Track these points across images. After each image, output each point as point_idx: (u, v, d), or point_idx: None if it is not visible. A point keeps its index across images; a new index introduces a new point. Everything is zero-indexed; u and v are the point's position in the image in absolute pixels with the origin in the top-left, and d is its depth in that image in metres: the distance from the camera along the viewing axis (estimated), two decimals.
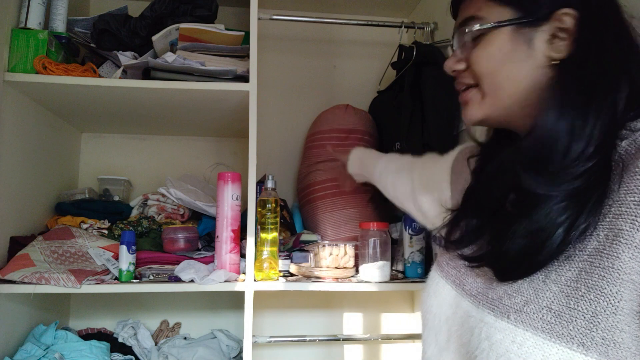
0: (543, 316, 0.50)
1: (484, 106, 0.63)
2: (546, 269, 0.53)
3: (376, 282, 1.19)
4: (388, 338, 1.59)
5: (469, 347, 0.57)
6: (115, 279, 1.15)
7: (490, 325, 0.54)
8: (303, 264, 1.26)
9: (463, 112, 0.66)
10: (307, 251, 1.29)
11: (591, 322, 0.47)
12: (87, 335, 1.40)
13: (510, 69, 0.59)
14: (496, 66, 0.60)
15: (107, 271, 1.17)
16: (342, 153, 1.28)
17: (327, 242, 1.26)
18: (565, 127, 0.52)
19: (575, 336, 0.47)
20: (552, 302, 0.50)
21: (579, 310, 0.48)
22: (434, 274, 0.72)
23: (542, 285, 0.52)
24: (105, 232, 1.33)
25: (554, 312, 0.50)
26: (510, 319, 0.53)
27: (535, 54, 0.58)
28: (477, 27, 0.61)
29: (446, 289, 0.67)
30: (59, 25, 1.26)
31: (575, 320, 0.48)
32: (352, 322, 1.67)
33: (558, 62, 0.57)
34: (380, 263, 1.19)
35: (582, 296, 0.48)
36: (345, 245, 1.25)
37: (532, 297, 0.52)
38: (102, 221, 1.35)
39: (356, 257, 1.26)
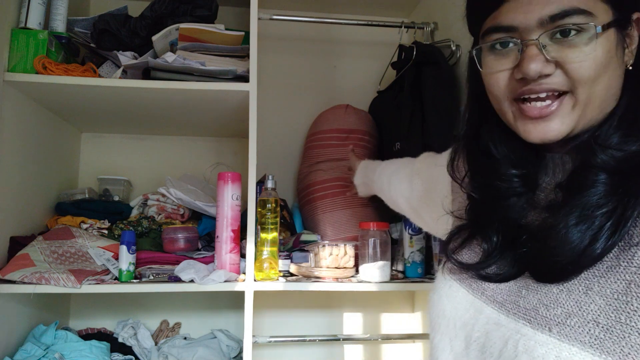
0: (590, 330, 0.47)
1: (573, 118, 0.53)
2: (586, 280, 0.50)
3: (376, 282, 1.19)
4: (388, 338, 1.59)
5: (500, 359, 0.53)
6: (115, 279, 1.15)
7: (529, 338, 0.51)
8: (303, 264, 1.26)
9: (537, 127, 0.54)
10: (307, 251, 1.29)
11: None
12: (87, 335, 1.40)
13: (609, 76, 0.53)
14: (600, 72, 0.52)
15: (107, 271, 1.17)
16: (356, 159, 1.31)
17: (327, 242, 1.26)
18: (625, 128, 0.53)
19: (629, 353, 0.44)
20: (599, 315, 0.47)
21: (632, 326, 0.45)
22: (445, 276, 0.67)
23: (584, 297, 0.49)
24: (105, 232, 1.33)
25: (602, 327, 0.46)
26: (553, 332, 0.49)
27: (623, 60, 0.54)
28: (592, 24, 0.51)
29: (461, 293, 0.63)
30: (59, 25, 1.26)
31: (629, 337, 0.44)
32: (352, 322, 1.66)
33: (630, 67, 0.54)
34: (380, 263, 1.19)
35: (635, 311, 0.45)
36: (345, 245, 1.24)
37: (575, 309, 0.49)
38: (102, 221, 1.35)
39: (356, 257, 1.26)
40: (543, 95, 0.54)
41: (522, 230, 0.58)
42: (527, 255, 0.56)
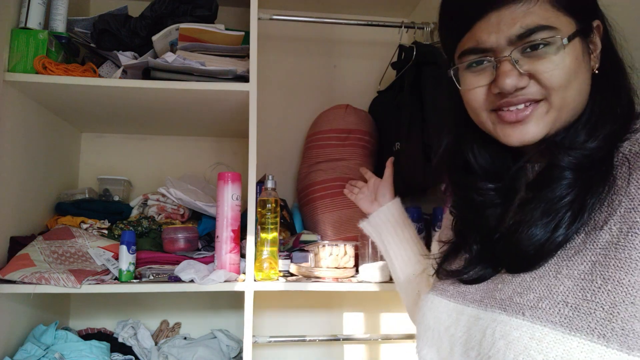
0: (560, 310, 0.50)
1: (547, 122, 0.58)
2: (556, 265, 0.53)
3: (376, 282, 1.19)
4: (388, 338, 1.59)
5: (481, 348, 0.56)
6: (115, 279, 1.15)
7: (505, 324, 0.54)
8: (303, 264, 1.26)
9: (516, 131, 0.58)
10: (307, 251, 1.29)
11: (610, 313, 0.47)
12: (87, 335, 1.40)
13: (579, 81, 0.57)
14: (570, 79, 0.56)
15: (107, 271, 1.17)
16: (387, 190, 1.04)
17: (327, 242, 1.26)
18: (588, 128, 0.57)
19: (595, 328, 0.47)
20: (568, 296, 0.50)
21: (597, 302, 0.48)
22: (427, 296, 0.71)
23: (554, 281, 0.52)
24: (105, 232, 1.33)
25: (571, 306, 0.50)
26: (526, 316, 0.52)
27: (589, 65, 0.59)
28: (558, 37, 0.55)
29: (442, 303, 0.67)
30: (59, 25, 1.26)
31: (594, 312, 0.48)
32: (352, 322, 1.66)
33: (596, 71, 0.59)
34: (380, 263, 1.19)
35: (599, 288, 0.48)
36: (345, 245, 1.25)
37: (546, 293, 0.52)
38: (102, 221, 1.35)
39: (356, 257, 1.26)
40: (521, 106, 0.58)
41: (498, 235, 0.62)
42: (501, 253, 0.60)
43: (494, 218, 0.63)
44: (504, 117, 0.59)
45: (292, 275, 1.26)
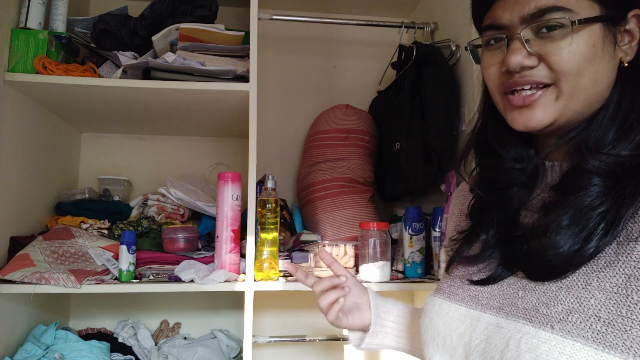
0: (592, 325, 0.48)
1: (556, 108, 0.56)
2: (585, 275, 0.51)
3: (376, 282, 1.19)
4: None
5: (503, 359, 0.53)
6: (115, 279, 1.15)
7: (532, 336, 0.51)
8: (303, 264, 1.26)
9: (522, 115, 0.57)
10: (307, 251, 1.29)
11: None
12: (87, 335, 1.40)
13: (597, 69, 0.54)
14: (585, 65, 0.54)
15: (107, 271, 1.17)
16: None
17: (327, 242, 1.26)
18: (618, 124, 0.54)
19: (631, 346, 0.44)
20: (600, 310, 0.48)
21: (634, 319, 0.45)
22: (433, 300, 0.69)
23: (583, 293, 0.50)
24: (105, 232, 1.33)
25: (604, 321, 0.47)
26: (555, 329, 0.49)
27: (616, 55, 0.56)
28: (572, 19, 0.53)
29: (452, 308, 0.64)
30: (59, 25, 1.26)
31: (630, 330, 0.45)
32: None
33: (626, 64, 0.56)
34: (380, 263, 1.19)
35: (636, 304, 0.46)
36: (345, 245, 1.25)
37: (575, 305, 0.50)
38: (102, 221, 1.35)
39: (356, 257, 1.26)
40: (527, 87, 0.57)
41: (517, 228, 0.59)
42: (518, 255, 0.57)
43: (516, 200, 0.61)
44: (511, 100, 0.58)
45: (292, 275, 1.26)
